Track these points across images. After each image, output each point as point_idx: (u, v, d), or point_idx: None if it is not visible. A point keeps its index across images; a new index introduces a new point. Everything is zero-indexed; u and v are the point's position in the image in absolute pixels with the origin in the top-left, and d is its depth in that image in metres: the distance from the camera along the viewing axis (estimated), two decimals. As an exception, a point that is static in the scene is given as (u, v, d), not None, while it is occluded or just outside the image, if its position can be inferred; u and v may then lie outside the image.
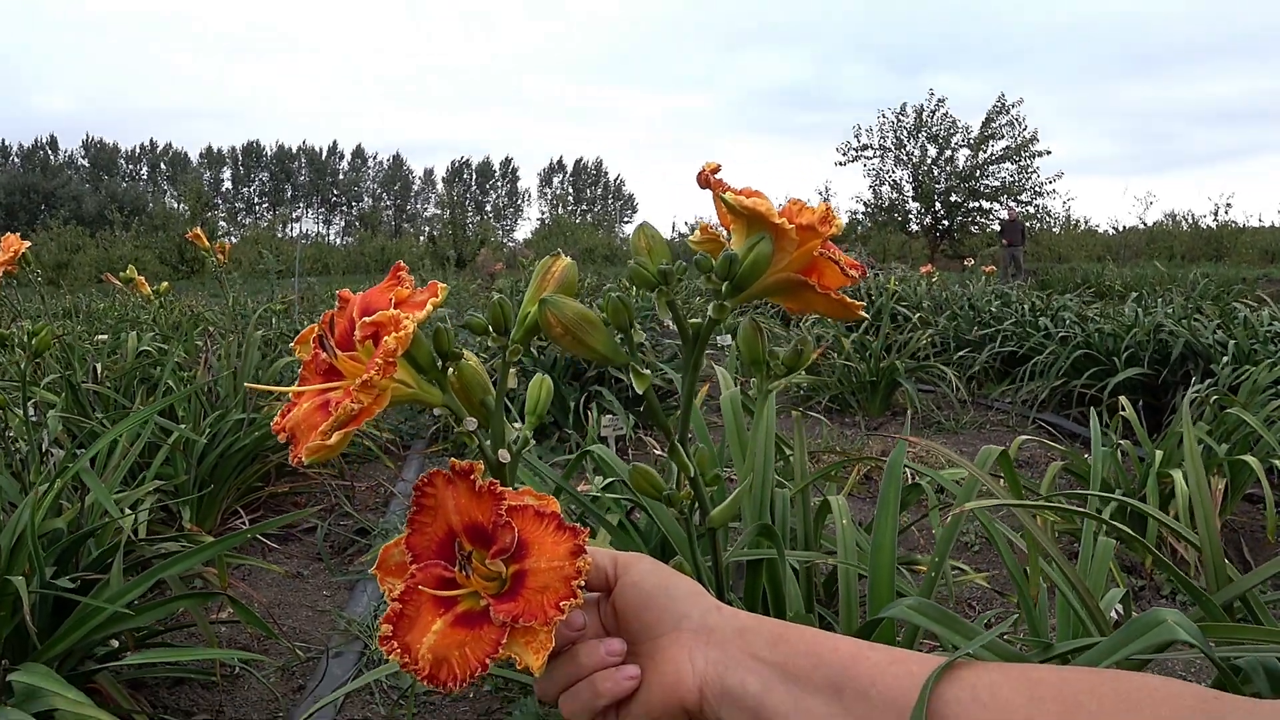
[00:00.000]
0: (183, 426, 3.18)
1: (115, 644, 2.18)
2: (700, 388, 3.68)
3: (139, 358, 4.11)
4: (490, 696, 2.31)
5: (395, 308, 0.76)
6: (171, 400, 3.18)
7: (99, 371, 3.88)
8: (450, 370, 0.84)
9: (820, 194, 41.15)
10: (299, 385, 0.79)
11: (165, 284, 4.74)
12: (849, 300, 0.93)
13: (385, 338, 0.72)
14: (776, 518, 1.35)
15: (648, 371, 0.87)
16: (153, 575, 1.99)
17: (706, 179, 0.95)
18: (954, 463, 1.28)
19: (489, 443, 0.88)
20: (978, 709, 0.64)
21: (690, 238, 1.00)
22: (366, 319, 0.75)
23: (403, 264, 0.82)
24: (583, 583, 0.72)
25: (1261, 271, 20.23)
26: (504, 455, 0.87)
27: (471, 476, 0.77)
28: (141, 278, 4.65)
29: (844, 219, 1.19)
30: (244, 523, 3.35)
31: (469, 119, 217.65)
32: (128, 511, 2.33)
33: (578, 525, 0.75)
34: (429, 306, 0.76)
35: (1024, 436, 3.20)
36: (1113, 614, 1.83)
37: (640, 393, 0.88)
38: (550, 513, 0.76)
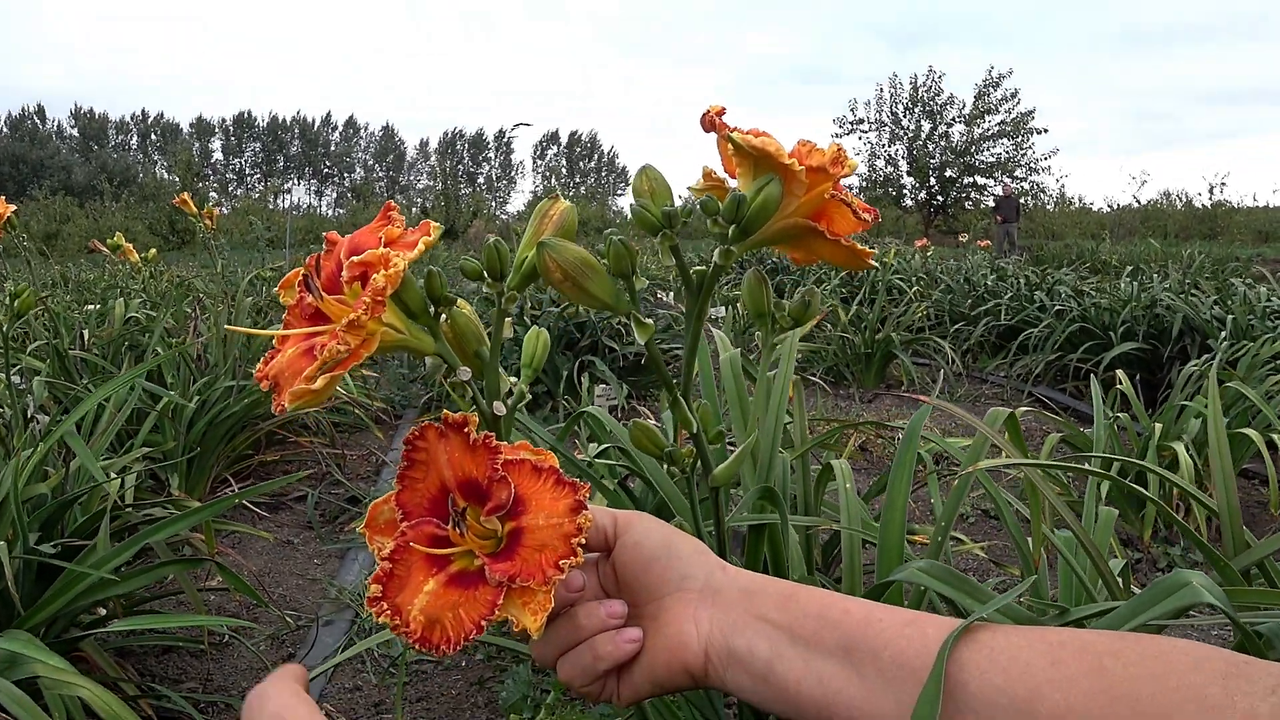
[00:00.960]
0: (171, 393, 3.13)
1: (103, 611, 2.14)
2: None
3: (126, 324, 4.05)
4: (483, 665, 2.28)
5: (386, 247, 0.72)
6: (157, 363, 3.13)
7: (86, 338, 3.83)
8: (443, 317, 0.80)
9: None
10: (283, 330, 0.75)
11: (153, 251, 4.67)
12: (859, 248, 0.89)
13: (374, 275, 0.68)
14: (777, 482, 1.31)
15: (650, 321, 0.83)
16: (138, 541, 1.95)
17: (711, 121, 0.90)
18: (968, 424, 1.25)
19: (483, 395, 0.84)
20: (996, 673, 0.61)
21: (691, 185, 0.96)
22: (354, 258, 0.71)
23: (393, 203, 0.78)
24: (583, 541, 0.68)
25: (1255, 251, 20.23)
26: (499, 408, 0.83)
27: (465, 429, 0.73)
28: (129, 245, 4.58)
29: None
30: (233, 491, 3.31)
31: (463, 91, 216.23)
32: (113, 476, 2.28)
33: (577, 480, 0.71)
34: (420, 245, 0.72)
35: (1023, 408, 3.17)
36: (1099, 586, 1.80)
37: (642, 343, 0.84)
38: (548, 467, 0.72)
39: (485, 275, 0.82)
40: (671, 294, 7.49)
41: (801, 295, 0.96)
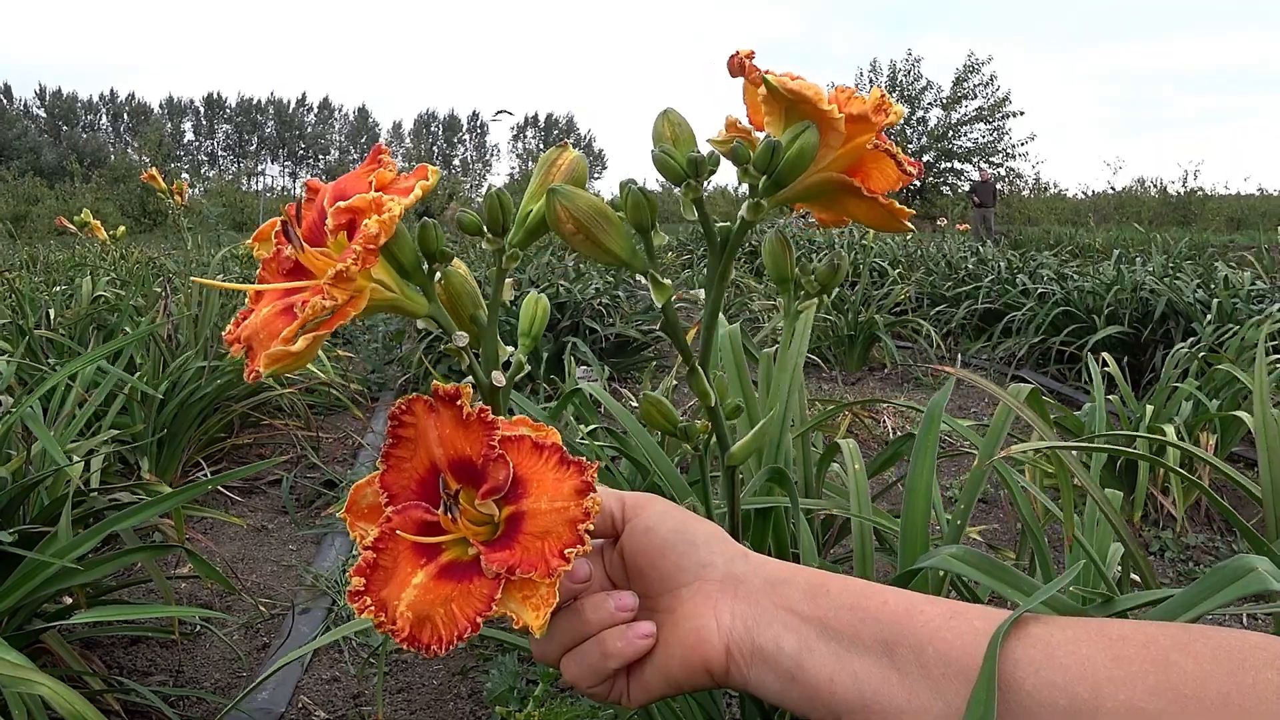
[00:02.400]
0: (140, 374, 3.02)
1: (68, 600, 2.04)
2: (690, 328, 3.57)
3: (94, 303, 3.92)
4: (465, 654, 2.20)
5: (377, 192, 0.63)
6: (126, 343, 3.01)
7: (52, 318, 3.70)
8: (438, 278, 0.71)
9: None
10: (259, 292, 0.66)
11: (121, 228, 4.53)
12: (897, 206, 0.81)
13: (365, 221, 0.59)
14: (783, 462, 1.24)
15: (668, 282, 0.75)
16: (104, 528, 1.85)
17: (741, 64, 0.81)
18: (996, 397, 1.18)
19: (480, 363, 0.75)
20: (1054, 670, 0.54)
21: (712, 137, 0.87)
22: (341, 204, 0.62)
23: (383, 145, 0.69)
24: (591, 527, 0.60)
25: (1228, 238, 20.37)
26: (498, 378, 0.75)
27: (458, 402, 0.65)
28: (97, 222, 4.44)
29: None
30: (205, 475, 3.20)
31: (437, 72, 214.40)
32: (77, 459, 2.17)
33: (583, 459, 0.63)
34: (417, 190, 0.63)
35: (1021, 386, 3.12)
36: (1114, 570, 1.74)
37: (660, 305, 0.75)
38: (551, 444, 0.63)
39: (485, 230, 0.74)
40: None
41: (830, 258, 0.88)
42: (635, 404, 3.95)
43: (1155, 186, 37.90)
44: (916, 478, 1.06)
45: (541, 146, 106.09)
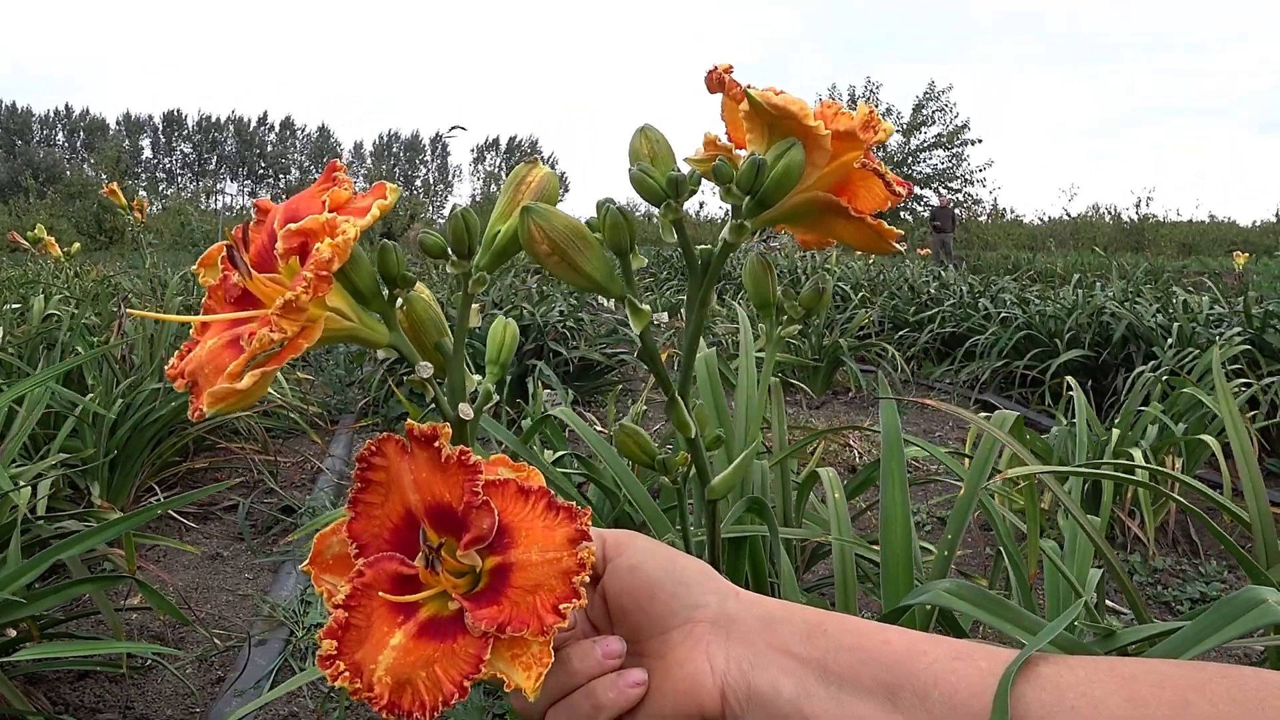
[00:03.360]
0: (91, 396, 2.93)
1: (13, 633, 1.96)
2: (663, 349, 3.53)
3: (45, 322, 3.81)
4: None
5: (331, 213, 0.58)
6: (78, 362, 2.92)
7: (1, 336, 3.59)
8: (399, 302, 0.67)
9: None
10: (205, 322, 0.61)
11: (77, 245, 4.42)
12: (885, 227, 0.78)
13: (317, 246, 0.54)
14: (762, 490, 1.20)
15: (647, 308, 0.71)
16: (50, 556, 1.77)
17: (720, 79, 0.78)
18: (973, 424, 1.15)
19: (446, 395, 0.71)
20: (1066, 714, 0.52)
21: (689, 156, 0.84)
22: (292, 226, 0.57)
23: (339, 163, 0.64)
24: (586, 579, 0.55)
25: (1181, 263, 20.74)
26: (465, 410, 0.70)
27: (436, 443, 0.60)
28: (51, 238, 4.33)
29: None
30: (159, 500, 3.11)
31: (400, 93, 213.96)
32: (22, 485, 2.09)
33: (574, 505, 0.58)
34: (374, 210, 0.58)
35: (1005, 414, 3.11)
36: (1090, 596, 1.73)
37: (637, 332, 0.72)
38: (537, 489, 0.59)
39: (450, 253, 0.70)
40: (611, 300, 7.37)
41: (814, 282, 0.85)
42: (601, 428, 3.91)
43: (1109, 213, 38.57)
44: (891, 508, 1.03)
45: (504, 169, 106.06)
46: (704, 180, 0.77)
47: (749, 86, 0.74)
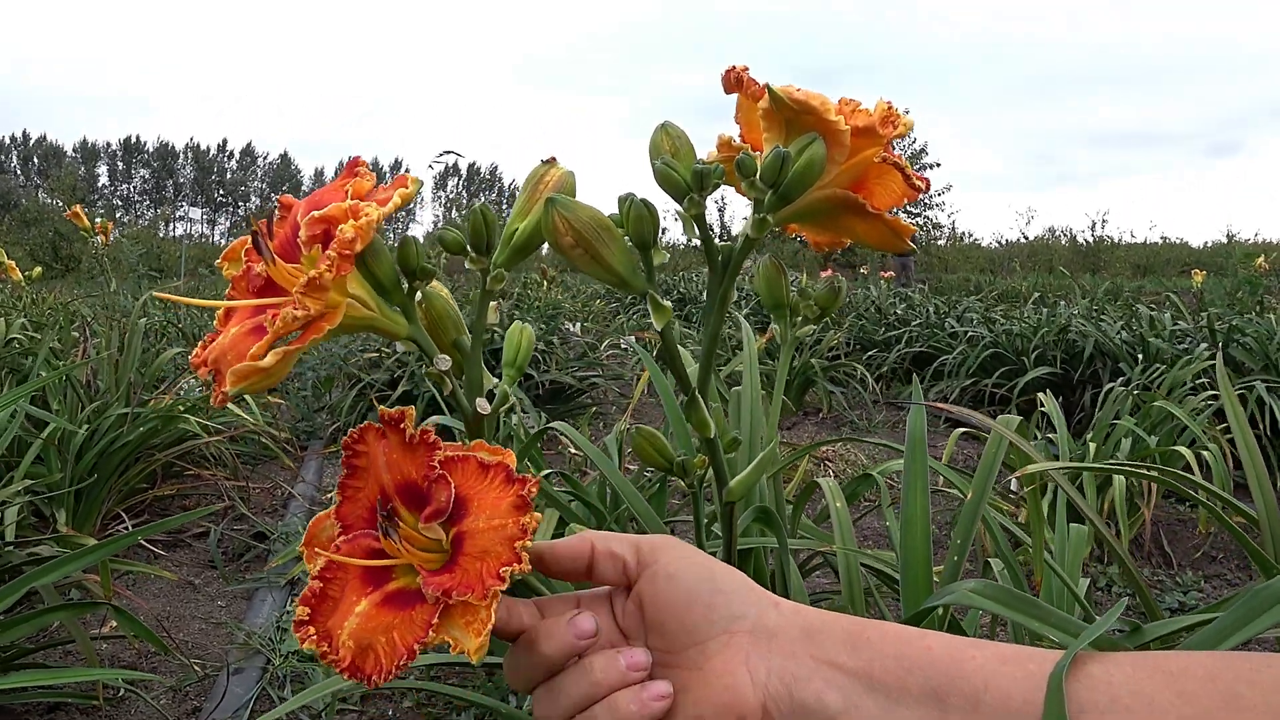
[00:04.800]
0: (57, 419, 2.86)
1: (-23, 664, 1.89)
2: (641, 375, 3.52)
3: (7, 346, 3.73)
4: (413, 713, 2.09)
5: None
6: (42, 383, 2.85)
7: (-40, 362, 3.51)
8: (418, 298, 0.66)
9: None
10: (228, 312, 0.60)
11: (38, 269, 4.34)
12: (901, 223, 0.78)
13: (341, 228, 0.54)
14: (768, 502, 1.19)
15: (668, 304, 0.70)
16: (23, 584, 1.72)
17: (738, 78, 0.78)
18: (988, 428, 1.15)
19: (463, 390, 0.70)
20: (1120, 713, 0.51)
21: (703, 159, 0.84)
22: (316, 213, 0.57)
23: (361, 158, 0.64)
24: (528, 544, 0.56)
25: (1137, 284, 21.09)
26: (482, 405, 0.69)
27: (402, 425, 0.62)
28: (11, 262, 4.25)
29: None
30: (127, 527, 3.03)
31: (361, 119, 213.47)
32: (-8, 511, 2.03)
33: (527, 475, 0.59)
34: (396, 198, 0.58)
35: (960, 430, 3.14)
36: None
37: (659, 328, 0.71)
38: (496, 463, 0.60)
39: (469, 249, 0.69)
40: (579, 324, 7.35)
41: (829, 281, 0.84)
42: (575, 450, 3.89)
43: (1065, 235, 39.19)
44: (911, 509, 1.03)
45: (465, 195, 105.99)
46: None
47: (766, 85, 0.74)
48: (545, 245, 0.68)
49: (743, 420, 1.21)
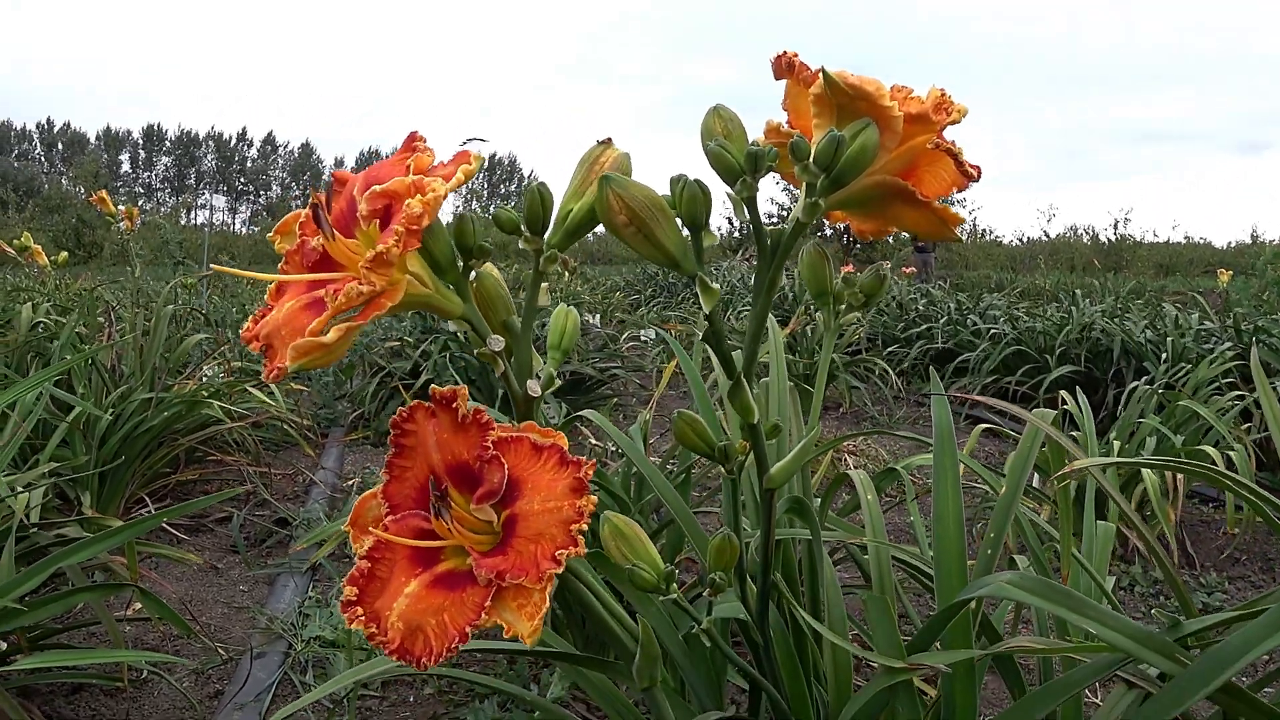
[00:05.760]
0: (83, 404, 2.87)
1: (3, 645, 1.90)
2: (669, 364, 3.51)
3: (33, 330, 3.75)
4: (434, 700, 2.09)
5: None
6: (68, 365, 2.86)
7: (-12, 344, 3.53)
8: (472, 277, 0.66)
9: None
10: (280, 286, 0.59)
11: (64, 254, 4.37)
12: (950, 212, 0.77)
13: (408, 201, 0.53)
14: (801, 492, 1.18)
15: (717, 286, 0.69)
16: (50, 564, 1.73)
17: (789, 63, 0.77)
18: (1022, 418, 1.14)
19: (513, 371, 0.69)
20: None
21: (755, 140, 0.82)
22: (377, 187, 0.56)
23: (419, 133, 0.63)
24: (584, 527, 0.56)
25: (1160, 283, 20.90)
26: (533, 387, 0.69)
27: (454, 405, 0.62)
28: (38, 246, 4.28)
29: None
30: (150, 511, 3.05)
31: (380, 109, 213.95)
32: (20, 491, 2.04)
33: (582, 459, 0.58)
34: (459, 174, 0.58)
35: (983, 427, 3.12)
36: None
37: (706, 310, 0.70)
38: (550, 445, 0.60)
39: (523, 229, 0.68)
40: (598, 316, 7.34)
41: (875, 269, 0.83)
42: (596, 441, 3.88)
43: (1087, 234, 38.83)
44: (943, 504, 1.01)
45: (486, 186, 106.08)
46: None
47: (819, 70, 0.73)
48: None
49: (771, 411, 1.20)
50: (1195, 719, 0.95)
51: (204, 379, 3.91)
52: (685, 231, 0.69)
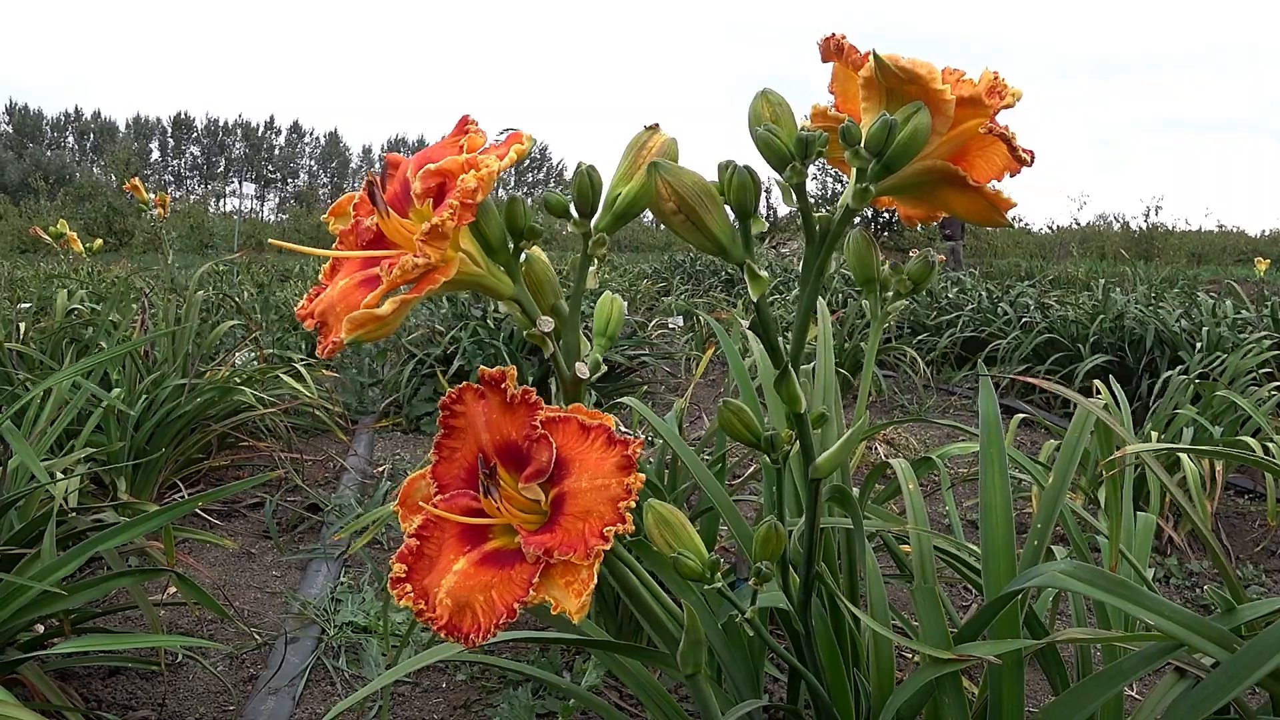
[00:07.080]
0: (117, 391, 2.90)
1: (41, 629, 1.93)
2: (705, 352, 3.50)
3: (68, 317, 3.79)
4: (466, 686, 2.10)
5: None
6: (104, 358, 2.89)
7: (23, 331, 3.56)
8: (523, 258, 0.65)
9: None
10: (334, 265, 0.60)
11: (98, 241, 4.40)
12: (1001, 196, 0.75)
13: (463, 176, 0.53)
14: (843, 482, 1.17)
15: (765, 274, 0.68)
16: (88, 548, 1.75)
17: (839, 45, 0.76)
18: (1075, 402, 1.12)
19: (561, 354, 0.69)
20: None
21: (803, 124, 0.81)
22: (431, 166, 0.56)
23: (470, 116, 0.62)
24: (632, 505, 0.56)
25: (1192, 272, 20.63)
26: (581, 370, 0.69)
27: (503, 385, 0.63)
28: (73, 234, 4.32)
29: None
30: (183, 496, 3.08)
31: (408, 96, 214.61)
32: (60, 476, 2.06)
33: (630, 436, 0.58)
34: (512, 154, 0.58)
35: (1020, 416, 3.08)
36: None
37: (755, 298, 0.69)
38: (598, 425, 0.60)
39: (572, 212, 0.67)
40: (626, 303, 7.34)
41: (922, 255, 0.82)
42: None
43: (1119, 221, 38.33)
44: (991, 492, 1.00)
45: (513, 174, 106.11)
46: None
47: (870, 52, 0.71)
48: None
49: (816, 400, 1.19)
50: (1246, 709, 0.93)
51: (236, 365, 3.94)
52: (732, 218, 0.68)
